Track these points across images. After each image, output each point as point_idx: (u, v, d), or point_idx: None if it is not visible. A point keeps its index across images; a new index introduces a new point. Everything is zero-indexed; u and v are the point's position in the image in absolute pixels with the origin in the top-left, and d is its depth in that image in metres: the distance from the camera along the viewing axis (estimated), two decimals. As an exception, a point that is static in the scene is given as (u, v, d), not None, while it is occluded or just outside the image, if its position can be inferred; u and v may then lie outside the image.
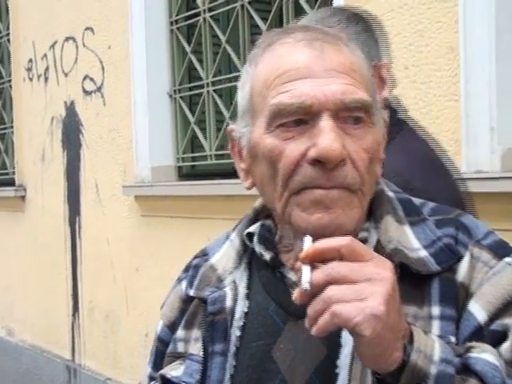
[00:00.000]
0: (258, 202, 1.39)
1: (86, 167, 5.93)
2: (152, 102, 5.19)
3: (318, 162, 1.13)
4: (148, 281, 5.21)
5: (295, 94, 1.15)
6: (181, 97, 5.26)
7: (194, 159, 5.24)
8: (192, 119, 5.12)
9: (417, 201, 1.32)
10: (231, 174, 4.80)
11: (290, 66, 1.17)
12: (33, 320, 6.89)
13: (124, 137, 5.44)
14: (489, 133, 3.03)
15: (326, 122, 1.13)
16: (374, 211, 1.27)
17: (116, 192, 5.53)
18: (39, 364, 6.70)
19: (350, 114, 1.16)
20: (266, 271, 1.29)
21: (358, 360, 1.11)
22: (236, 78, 4.75)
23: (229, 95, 4.99)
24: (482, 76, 3.05)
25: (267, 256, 1.28)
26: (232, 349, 1.25)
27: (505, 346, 1.11)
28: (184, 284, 1.40)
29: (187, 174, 5.22)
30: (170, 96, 5.28)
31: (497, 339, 1.12)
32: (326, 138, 1.12)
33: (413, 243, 1.22)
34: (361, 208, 1.19)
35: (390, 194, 1.30)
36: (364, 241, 1.22)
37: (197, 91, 5.13)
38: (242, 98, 1.29)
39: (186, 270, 1.44)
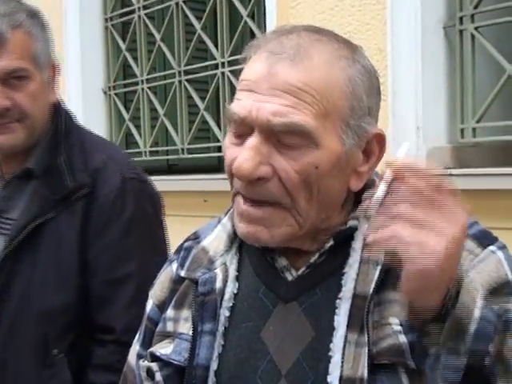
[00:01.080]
0: None
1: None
2: (86, 98, 5.19)
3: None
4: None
5: (239, 104, 1.19)
6: (115, 93, 5.27)
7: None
8: (127, 116, 5.13)
9: None
10: (165, 170, 4.85)
11: (247, 75, 1.21)
12: None
13: (58, 133, 5.39)
14: (415, 132, 3.14)
15: (251, 139, 1.17)
16: (362, 200, 1.28)
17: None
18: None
19: (279, 138, 1.17)
20: (257, 255, 1.32)
21: (352, 344, 1.16)
22: (170, 76, 4.79)
23: (163, 92, 5.02)
24: (408, 77, 3.16)
25: None
26: (221, 328, 1.28)
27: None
28: (175, 265, 1.42)
29: (121, 170, 5.20)
30: (105, 93, 5.29)
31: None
32: (243, 155, 1.17)
33: None
34: (296, 226, 1.21)
35: None
36: (354, 228, 1.26)
37: (131, 88, 5.15)
38: None
39: (177, 251, 1.46)
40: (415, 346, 1.13)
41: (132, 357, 1.49)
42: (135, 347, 1.48)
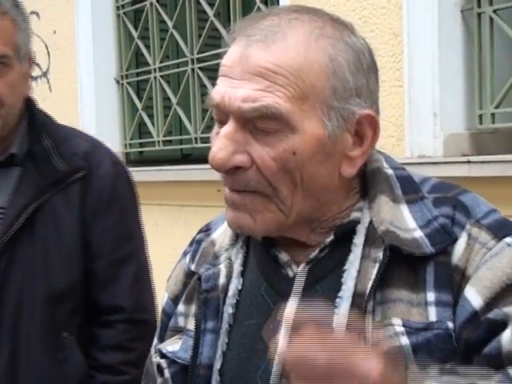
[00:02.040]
0: None
1: (32, 154, 5.87)
2: (99, 87, 5.15)
3: None
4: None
5: (216, 90, 1.17)
6: (128, 82, 5.23)
7: (141, 145, 5.22)
8: (139, 105, 5.09)
9: (418, 177, 1.27)
10: (179, 160, 4.81)
11: (224, 61, 1.19)
12: None
13: (70, 123, 5.29)
14: (432, 118, 3.09)
15: (225, 127, 1.15)
16: (368, 190, 1.24)
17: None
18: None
19: (255, 124, 1.14)
20: (260, 250, 1.30)
21: None
22: (183, 64, 4.74)
23: (176, 81, 4.98)
24: (424, 62, 3.10)
25: None
26: (225, 326, 1.26)
27: (505, 336, 1.09)
28: (188, 258, 1.40)
29: (135, 160, 5.19)
30: (117, 82, 5.25)
31: (495, 329, 1.10)
32: (216, 145, 1.14)
33: (408, 223, 1.18)
34: (280, 213, 1.17)
35: (389, 171, 1.25)
36: (357, 221, 1.21)
37: (144, 77, 5.10)
38: None
39: (191, 244, 1.44)
40: (419, 349, 1.09)
41: (152, 350, 1.46)
42: (155, 341, 1.46)
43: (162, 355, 1.33)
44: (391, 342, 1.09)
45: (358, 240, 1.19)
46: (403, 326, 1.11)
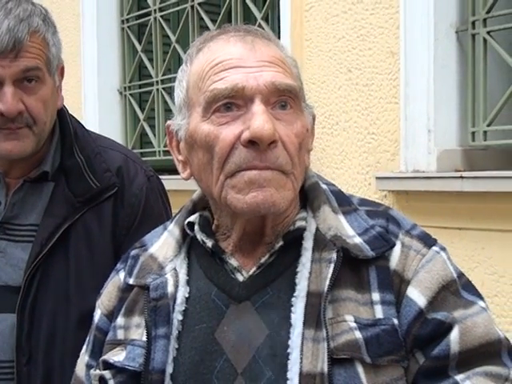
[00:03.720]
0: (195, 195, 1.45)
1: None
2: (102, 98, 5.25)
3: (251, 144, 1.20)
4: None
5: (228, 80, 1.22)
6: (131, 94, 5.32)
7: (143, 155, 5.28)
8: (141, 116, 5.19)
9: (346, 192, 1.40)
10: (179, 170, 4.89)
11: (224, 57, 1.25)
12: None
13: (73, 132, 5.43)
14: (426, 134, 3.17)
15: (258, 107, 1.21)
16: (311, 202, 1.34)
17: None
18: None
19: (280, 98, 1.24)
20: (207, 258, 1.35)
21: (309, 340, 1.20)
22: (185, 77, 4.82)
23: (178, 93, 5.06)
24: (420, 80, 3.19)
25: (209, 243, 1.33)
26: (174, 332, 1.29)
27: (453, 339, 1.20)
28: (122, 274, 1.44)
29: (136, 169, 5.25)
30: (120, 93, 5.35)
31: (442, 329, 1.21)
32: (259, 119, 1.19)
33: (348, 231, 1.29)
34: (293, 191, 1.26)
35: (324, 186, 1.37)
36: (302, 229, 1.30)
37: (146, 89, 5.20)
38: (178, 94, 1.34)
39: (124, 261, 1.47)
40: (370, 342, 1.19)
41: (80, 368, 1.48)
42: (83, 358, 1.48)
43: (106, 366, 1.33)
44: (348, 335, 1.19)
45: (308, 244, 1.28)
46: (355, 321, 1.20)
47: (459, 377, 1.19)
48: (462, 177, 2.99)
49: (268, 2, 4.19)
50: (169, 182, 4.44)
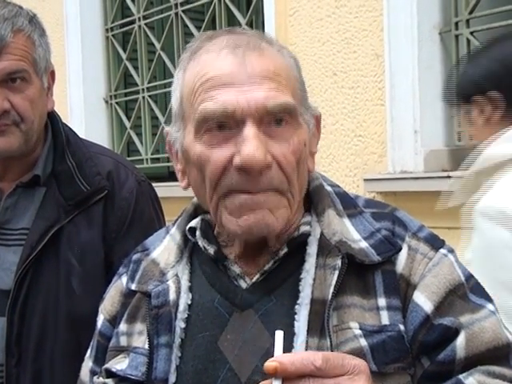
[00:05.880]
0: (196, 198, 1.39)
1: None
2: (88, 107, 5.25)
3: (243, 170, 1.15)
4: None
5: (218, 101, 1.16)
6: (117, 102, 5.32)
7: (130, 163, 5.29)
8: (128, 124, 5.19)
9: (351, 194, 1.34)
10: (166, 177, 4.89)
11: (214, 73, 1.19)
12: None
13: (60, 142, 5.43)
14: (412, 135, 3.20)
15: (249, 130, 1.15)
16: (315, 205, 1.29)
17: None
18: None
19: (273, 117, 1.17)
20: (209, 265, 1.30)
21: (313, 349, 1.15)
22: (171, 84, 4.81)
23: (163, 101, 5.07)
24: (405, 82, 3.22)
25: (211, 250, 1.29)
26: (177, 340, 1.25)
27: (459, 344, 1.17)
28: (124, 279, 1.39)
29: (123, 177, 5.25)
30: (106, 102, 5.35)
31: (449, 334, 1.17)
32: (249, 146, 1.14)
33: (353, 235, 1.24)
34: (289, 208, 1.21)
35: (328, 188, 1.32)
36: (307, 234, 1.25)
37: (132, 97, 5.20)
38: (174, 102, 1.30)
39: (126, 265, 1.43)
40: (376, 350, 1.16)
41: (85, 373, 1.45)
42: (87, 363, 1.44)
43: (109, 375, 1.30)
44: (352, 343, 1.16)
45: (312, 250, 1.23)
46: (360, 328, 1.16)
47: (462, 375, 1.16)
48: (449, 176, 3.00)
49: (252, 8, 4.21)
50: (157, 190, 4.43)
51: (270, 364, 0.98)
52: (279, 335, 1.02)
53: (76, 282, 1.88)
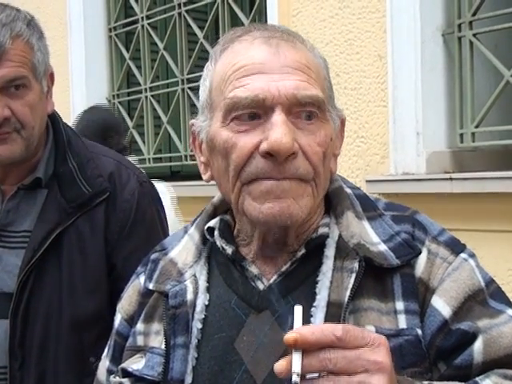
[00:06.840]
0: (216, 198, 1.39)
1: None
2: (91, 106, 5.25)
3: (269, 155, 1.15)
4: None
5: (249, 88, 1.16)
6: (119, 102, 5.33)
7: (132, 163, 5.30)
8: (131, 123, 5.20)
9: (371, 196, 1.34)
10: (168, 176, 4.90)
11: (246, 61, 1.19)
12: None
13: (62, 141, 5.44)
14: (415, 137, 3.20)
15: (278, 117, 1.15)
16: (334, 207, 1.28)
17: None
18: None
19: (302, 109, 1.18)
20: (227, 265, 1.29)
21: None
22: (173, 84, 4.84)
23: (166, 100, 5.08)
24: (408, 83, 3.22)
25: (229, 250, 1.28)
26: (194, 341, 1.24)
27: (477, 349, 1.15)
28: (142, 278, 1.39)
29: (126, 177, 5.26)
30: (109, 101, 5.35)
31: (466, 339, 1.16)
32: (277, 131, 1.13)
33: (372, 238, 1.23)
34: (313, 197, 1.20)
35: (348, 190, 1.31)
36: (325, 236, 1.24)
37: (135, 96, 5.22)
38: (202, 93, 1.29)
39: (144, 264, 1.42)
40: (392, 354, 1.11)
41: (101, 372, 1.45)
42: (104, 362, 1.44)
43: (125, 374, 1.30)
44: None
45: (329, 253, 1.22)
46: (376, 332, 1.12)
47: (479, 377, 1.15)
48: (451, 178, 3.01)
49: (255, 8, 4.21)
50: (160, 189, 4.40)
51: (290, 336, 0.96)
52: (298, 310, 1.01)
53: (79, 284, 1.87)
